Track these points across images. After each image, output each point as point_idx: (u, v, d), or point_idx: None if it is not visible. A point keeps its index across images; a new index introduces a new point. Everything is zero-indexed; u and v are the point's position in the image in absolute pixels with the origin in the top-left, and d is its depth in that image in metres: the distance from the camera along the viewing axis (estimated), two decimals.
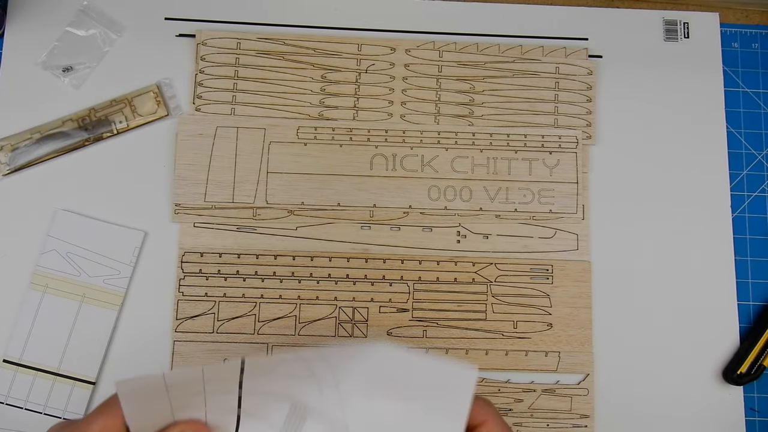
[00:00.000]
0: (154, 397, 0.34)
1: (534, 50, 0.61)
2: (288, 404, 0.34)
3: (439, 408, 0.35)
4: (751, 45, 0.63)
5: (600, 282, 0.58)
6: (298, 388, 0.34)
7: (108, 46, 0.60)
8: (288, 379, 0.35)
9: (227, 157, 0.58)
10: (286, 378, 0.35)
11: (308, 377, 0.35)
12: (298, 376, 0.35)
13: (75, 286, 0.55)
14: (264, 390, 0.35)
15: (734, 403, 0.57)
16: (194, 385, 0.34)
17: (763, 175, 0.61)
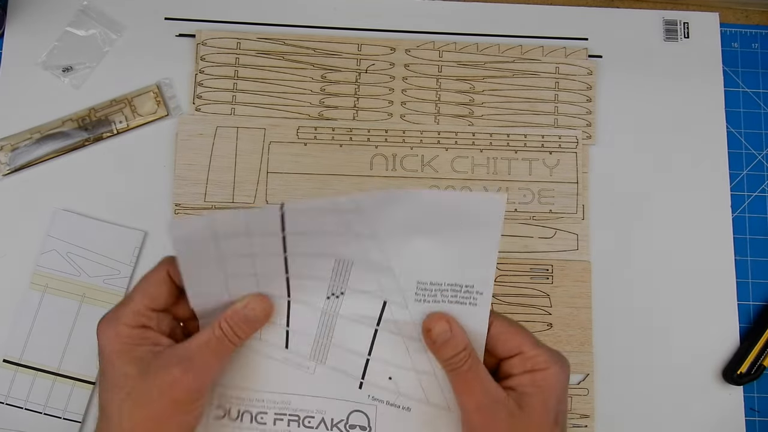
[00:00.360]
0: (204, 252, 0.37)
1: (534, 50, 0.61)
2: (332, 259, 0.37)
3: (473, 234, 0.36)
4: (751, 45, 0.63)
5: (600, 282, 0.58)
6: (338, 243, 0.36)
7: (108, 46, 0.60)
8: (327, 237, 0.36)
9: (227, 157, 0.58)
10: (325, 236, 0.36)
11: (346, 232, 0.36)
12: (336, 232, 0.36)
13: (75, 286, 0.55)
14: (306, 251, 0.36)
15: (734, 403, 0.57)
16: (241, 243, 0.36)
17: (763, 175, 0.61)
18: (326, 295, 0.38)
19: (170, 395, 0.35)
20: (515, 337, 0.37)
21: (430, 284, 0.38)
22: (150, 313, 0.37)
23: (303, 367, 0.39)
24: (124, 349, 0.36)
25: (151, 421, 0.35)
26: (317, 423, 0.39)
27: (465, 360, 0.36)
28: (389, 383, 0.39)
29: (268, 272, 0.38)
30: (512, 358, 0.37)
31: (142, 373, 0.35)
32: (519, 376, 0.36)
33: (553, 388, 0.36)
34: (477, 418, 0.36)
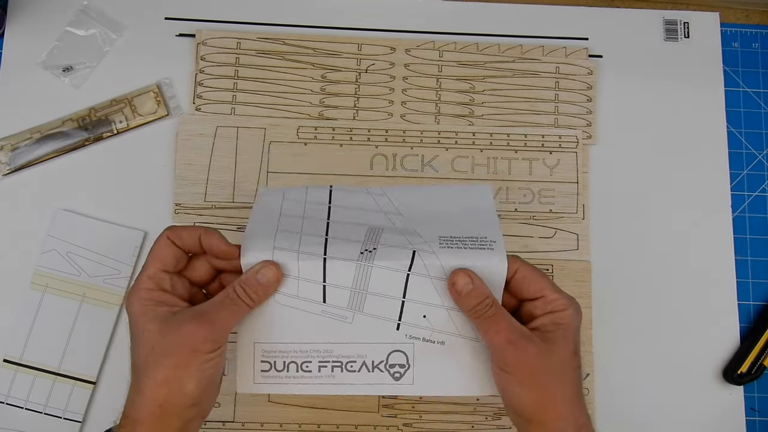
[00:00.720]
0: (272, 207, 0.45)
1: (534, 50, 0.61)
2: (365, 227, 0.44)
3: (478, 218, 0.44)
4: (751, 45, 0.63)
5: (600, 282, 0.58)
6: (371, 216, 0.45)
7: (108, 46, 0.60)
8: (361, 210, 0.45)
9: (227, 157, 0.58)
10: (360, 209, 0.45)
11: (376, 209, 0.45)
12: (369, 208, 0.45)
13: (75, 286, 0.55)
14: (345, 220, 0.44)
15: (734, 403, 0.57)
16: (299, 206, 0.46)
17: (763, 175, 0.61)
18: (360, 251, 0.42)
19: (188, 345, 0.39)
20: (538, 283, 0.42)
21: (450, 237, 0.43)
22: (163, 275, 0.42)
23: (341, 317, 0.43)
24: (146, 310, 0.40)
25: (173, 369, 0.39)
26: (359, 366, 0.43)
27: (489, 306, 0.41)
28: (424, 321, 0.43)
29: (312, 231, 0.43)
30: (535, 301, 0.42)
31: (162, 329, 0.40)
32: (541, 317, 0.42)
33: (570, 326, 0.41)
34: (509, 350, 0.40)
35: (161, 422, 0.39)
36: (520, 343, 0.40)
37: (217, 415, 0.55)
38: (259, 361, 0.43)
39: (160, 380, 0.39)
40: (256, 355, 0.43)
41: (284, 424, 0.55)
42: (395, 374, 0.43)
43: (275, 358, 0.43)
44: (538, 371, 0.40)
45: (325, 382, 0.43)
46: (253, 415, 0.55)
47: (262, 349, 0.43)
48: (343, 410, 0.55)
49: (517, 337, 0.40)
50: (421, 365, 0.43)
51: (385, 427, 0.55)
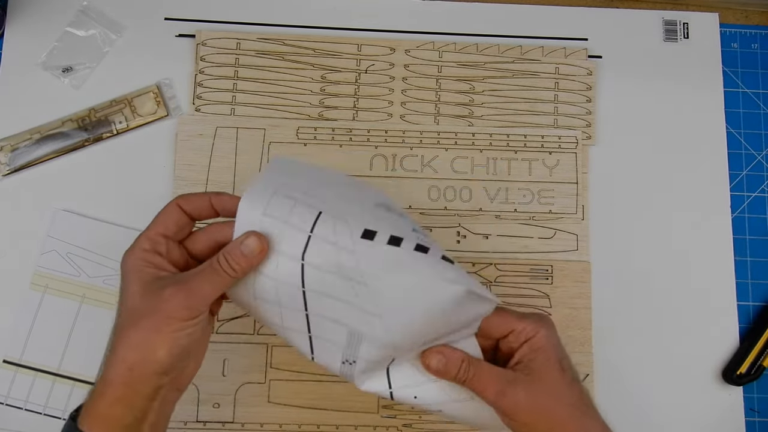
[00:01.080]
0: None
1: (534, 50, 0.61)
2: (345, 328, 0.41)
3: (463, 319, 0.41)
4: (750, 45, 0.63)
5: (600, 282, 0.58)
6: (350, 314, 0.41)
7: (108, 46, 0.60)
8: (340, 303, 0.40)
9: (227, 157, 0.58)
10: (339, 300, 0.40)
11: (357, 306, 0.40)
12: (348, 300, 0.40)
13: (75, 286, 0.55)
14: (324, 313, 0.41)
15: (734, 403, 0.57)
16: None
17: (763, 175, 0.61)
18: (341, 360, 0.42)
19: (164, 310, 0.38)
20: (502, 319, 0.43)
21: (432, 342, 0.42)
22: (161, 239, 0.41)
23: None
24: (134, 269, 0.40)
25: (146, 332, 0.38)
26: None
27: (467, 370, 0.41)
28: (416, 400, 0.43)
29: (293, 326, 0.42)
30: (507, 336, 0.43)
31: (143, 292, 0.39)
32: (519, 349, 0.42)
33: (548, 346, 0.42)
34: (502, 402, 0.41)
35: (130, 386, 0.38)
36: (508, 391, 0.41)
37: (217, 416, 0.55)
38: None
39: (132, 343, 0.39)
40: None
41: (284, 425, 0.55)
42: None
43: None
44: (535, 408, 0.41)
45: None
46: (253, 415, 0.55)
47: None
48: (342, 411, 0.55)
49: (504, 386, 0.41)
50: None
51: (385, 427, 0.55)
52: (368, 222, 0.40)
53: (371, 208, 0.41)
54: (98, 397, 0.39)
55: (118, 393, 0.38)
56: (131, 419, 0.39)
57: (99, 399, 0.39)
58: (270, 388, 0.55)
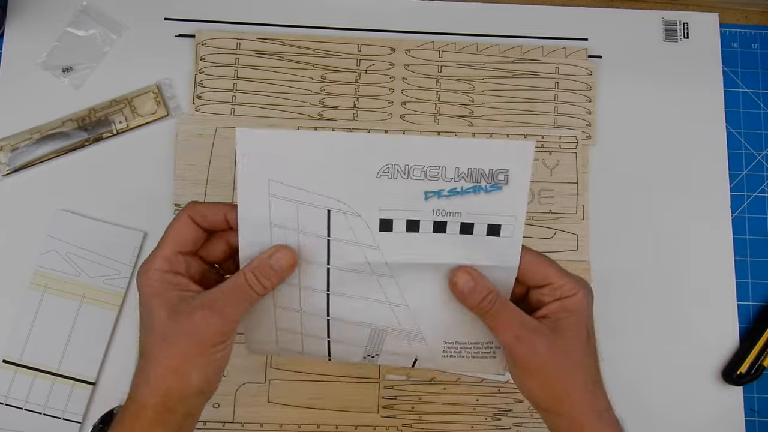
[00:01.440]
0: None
1: (534, 50, 0.61)
2: (369, 328, 0.42)
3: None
4: (750, 45, 0.63)
5: (600, 282, 0.58)
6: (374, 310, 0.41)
7: (108, 46, 0.60)
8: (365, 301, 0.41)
9: (227, 157, 0.58)
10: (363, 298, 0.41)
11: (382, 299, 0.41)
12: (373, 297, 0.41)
13: (75, 286, 0.55)
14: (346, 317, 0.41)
15: (734, 403, 0.57)
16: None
17: (763, 175, 0.61)
18: (362, 356, 0.44)
19: (195, 337, 0.38)
20: (543, 269, 0.40)
21: (455, 343, 0.43)
22: (179, 258, 0.40)
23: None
24: (156, 293, 0.39)
25: (181, 359, 0.38)
26: None
27: (493, 302, 0.39)
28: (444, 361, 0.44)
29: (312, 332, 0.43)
30: (542, 288, 0.41)
31: (172, 317, 0.38)
32: (550, 305, 0.40)
33: (581, 311, 0.40)
34: (517, 347, 0.39)
35: (166, 409, 0.39)
36: (527, 339, 0.39)
37: (217, 416, 0.55)
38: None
39: (167, 368, 0.38)
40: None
41: (284, 425, 0.55)
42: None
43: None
44: (549, 365, 0.39)
45: None
46: (253, 415, 0.55)
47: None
48: (342, 410, 0.55)
49: (525, 333, 0.39)
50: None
51: (385, 427, 0.55)
52: (379, 207, 0.38)
53: (375, 183, 0.38)
54: (133, 420, 0.39)
55: (154, 416, 0.39)
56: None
57: (134, 422, 0.39)
58: (270, 388, 0.55)
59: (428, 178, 0.38)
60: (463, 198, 0.38)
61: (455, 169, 0.38)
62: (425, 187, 0.38)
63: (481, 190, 0.38)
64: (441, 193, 0.38)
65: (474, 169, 0.38)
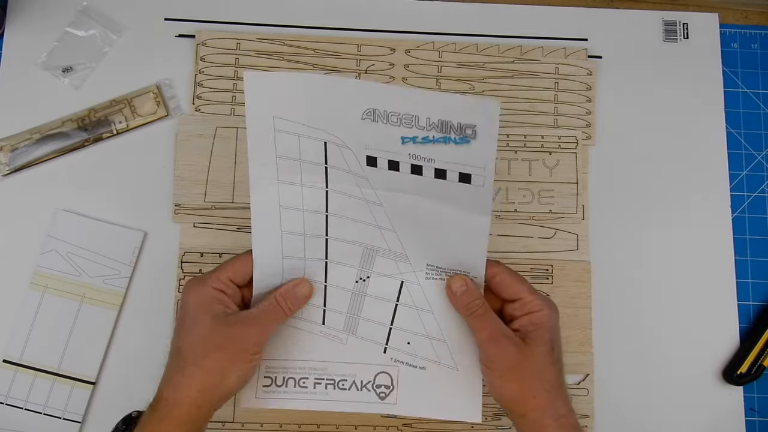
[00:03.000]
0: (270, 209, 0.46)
1: (533, 51, 0.61)
2: (361, 247, 0.48)
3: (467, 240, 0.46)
4: (750, 45, 0.63)
5: (600, 282, 0.58)
6: (366, 232, 0.47)
7: (108, 46, 0.60)
8: (358, 223, 0.47)
9: (227, 157, 0.58)
10: (357, 221, 0.47)
11: (372, 223, 0.47)
12: (365, 221, 0.47)
13: (75, 286, 0.55)
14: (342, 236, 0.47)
15: (734, 403, 0.57)
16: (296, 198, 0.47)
17: (763, 175, 0.61)
18: (355, 279, 0.49)
19: (239, 343, 0.44)
20: (516, 286, 0.47)
21: (436, 267, 0.48)
22: (229, 283, 0.46)
23: (337, 338, 0.49)
24: (205, 303, 0.45)
25: (222, 362, 0.44)
26: (349, 385, 0.48)
27: (479, 306, 0.46)
28: (408, 347, 0.49)
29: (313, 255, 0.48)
30: (514, 303, 0.47)
31: (215, 325, 0.44)
32: (520, 319, 0.46)
33: (546, 325, 0.46)
34: (491, 347, 0.45)
35: (198, 407, 0.43)
36: (501, 341, 0.45)
37: (216, 415, 0.54)
38: (262, 377, 0.49)
39: (207, 368, 0.44)
40: (260, 371, 0.49)
41: (284, 425, 0.55)
42: (381, 394, 0.48)
43: (276, 374, 0.49)
44: (516, 367, 0.45)
45: (320, 398, 0.48)
46: (253, 415, 0.55)
47: (266, 366, 0.49)
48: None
49: (499, 335, 0.45)
50: (404, 387, 0.48)
51: (385, 427, 0.55)
52: (365, 144, 0.44)
53: (360, 124, 0.43)
54: (164, 418, 0.43)
55: (185, 413, 0.43)
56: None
57: (165, 420, 0.43)
58: None
59: (403, 125, 0.42)
60: (435, 146, 0.43)
61: (426, 119, 0.42)
62: (401, 133, 0.43)
63: (450, 141, 0.42)
64: (415, 140, 0.43)
65: (444, 120, 0.42)
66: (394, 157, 0.44)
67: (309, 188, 0.46)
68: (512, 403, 0.46)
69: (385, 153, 0.44)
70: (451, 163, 0.43)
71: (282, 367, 0.49)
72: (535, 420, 0.45)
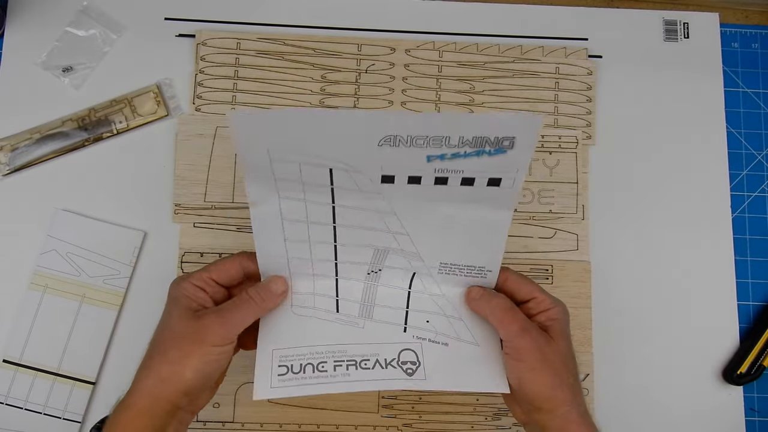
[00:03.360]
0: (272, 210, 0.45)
1: (534, 50, 0.61)
2: (372, 248, 0.47)
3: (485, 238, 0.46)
4: (750, 45, 0.63)
5: (600, 282, 0.58)
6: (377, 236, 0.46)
7: (108, 46, 0.60)
8: (368, 230, 0.46)
9: (227, 157, 0.58)
10: (367, 228, 0.46)
11: (384, 230, 0.46)
12: (376, 227, 0.46)
13: (75, 286, 0.55)
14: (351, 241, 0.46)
15: (734, 403, 0.57)
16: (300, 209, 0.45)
17: (763, 175, 0.61)
18: (367, 272, 0.48)
19: (200, 334, 0.43)
20: (528, 286, 0.48)
21: (450, 264, 0.48)
22: (211, 282, 0.46)
23: (353, 323, 0.47)
24: (181, 299, 0.45)
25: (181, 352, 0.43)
26: (373, 364, 0.45)
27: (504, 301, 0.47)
28: (428, 325, 0.48)
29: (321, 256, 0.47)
30: (528, 302, 0.48)
31: (184, 316, 0.44)
32: (537, 316, 0.47)
33: (561, 319, 0.47)
34: (523, 338, 0.45)
35: (155, 398, 0.42)
36: (532, 332, 0.45)
37: (217, 415, 0.55)
38: (276, 366, 0.45)
39: (167, 359, 0.43)
40: (274, 360, 0.46)
41: (284, 425, 0.55)
42: (408, 370, 0.46)
43: (292, 362, 0.45)
44: (548, 357, 0.44)
45: (342, 380, 0.45)
46: (253, 415, 0.55)
47: (280, 355, 0.46)
48: (342, 410, 0.55)
49: (530, 327, 0.45)
50: (430, 362, 0.46)
51: (385, 427, 0.55)
52: (381, 165, 0.41)
53: (377, 150, 0.40)
54: (125, 408, 0.42)
55: (144, 403, 0.42)
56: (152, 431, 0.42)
57: (126, 410, 0.42)
58: None
59: (431, 145, 0.40)
60: (466, 160, 0.40)
61: (459, 138, 0.39)
62: (428, 153, 0.40)
63: (484, 153, 0.40)
64: (443, 157, 0.40)
65: (479, 137, 0.39)
66: (415, 173, 0.42)
67: (314, 204, 0.44)
68: (541, 398, 0.44)
69: (405, 170, 0.42)
70: (481, 172, 0.41)
71: (297, 354, 0.46)
72: (563, 414, 0.44)
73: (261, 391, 0.44)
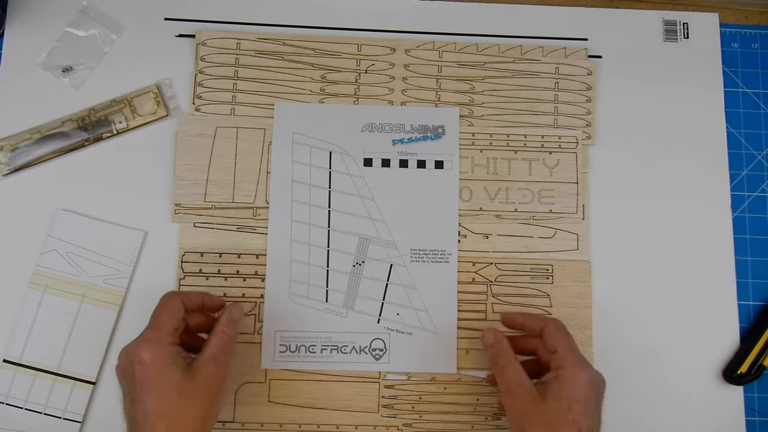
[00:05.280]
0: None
1: (533, 50, 0.61)
2: (357, 236, 0.57)
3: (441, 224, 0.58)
4: (750, 45, 0.63)
5: (600, 282, 0.58)
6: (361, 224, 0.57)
7: (108, 46, 0.60)
8: (354, 216, 0.57)
9: (227, 157, 0.58)
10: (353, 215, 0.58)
11: (366, 216, 0.57)
12: (360, 214, 0.57)
13: (75, 286, 0.55)
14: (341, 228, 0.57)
15: (734, 403, 0.57)
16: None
17: (763, 175, 0.61)
18: (352, 264, 0.57)
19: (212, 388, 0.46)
20: (556, 339, 0.49)
21: (419, 250, 0.57)
22: (176, 333, 0.47)
23: (339, 313, 0.57)
24: (169, 361, 0.45)
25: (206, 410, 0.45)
26: (350, 349, 0.56)
27: (504, 358, 0.49)
28: (397, 318, 0.57)
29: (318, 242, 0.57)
30: (553, 354, 0.48)
31: (186, 376, 0.45)
32: (550, 371, 0.48)
33: (568, 382, 0.46)
34: (505, 396, 0.48)
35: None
36: (515, 392, 0.47)
37: None
38: (278, 344, 0.56)
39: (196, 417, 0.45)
40: (277, 340, 0.56)
41: (284, 424, 0.55)
42: (376, 356, 0.56)
43: (290, 342, 0.56)
44: (526, 418, 0.46)
45: (326, 360, 0.56)
46: (253, 415, 0.55)
47: (281, 336, 0.56)
48: (342, 410, 0.55)
49: (514, 387, 0.47)
50: (395, 349, 0.56)
51: (385, 427, 0.55)
52: (363, 149, 0.58)
53: (360, 135, 0.58)
54: None
55: None
56: None
57: None
58: (270, 388, 0.55)
59: (393, 131, 0.59)
60: (417, 144, 0.58)
61: (411, 125, 0.59)
62: (392, 137, 0.58)
63: (428, 138, 0.59)
64: (402, 141, 0.58)
65: (422, 125, 0.59)
66: (386, 156, 0.58)
67: (316, 188, 0.57)
68: None
69: (379, 154, 0.58)
70: (429, 154, 0.58)
71: (294, 336, 0.56)
72: None
73: (267, 362, 0.56)
